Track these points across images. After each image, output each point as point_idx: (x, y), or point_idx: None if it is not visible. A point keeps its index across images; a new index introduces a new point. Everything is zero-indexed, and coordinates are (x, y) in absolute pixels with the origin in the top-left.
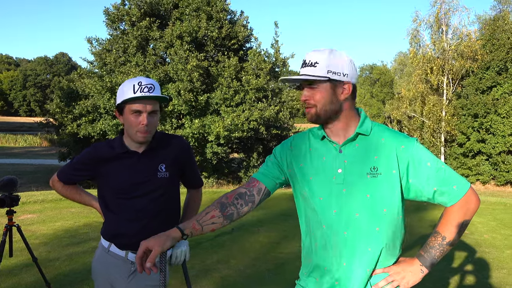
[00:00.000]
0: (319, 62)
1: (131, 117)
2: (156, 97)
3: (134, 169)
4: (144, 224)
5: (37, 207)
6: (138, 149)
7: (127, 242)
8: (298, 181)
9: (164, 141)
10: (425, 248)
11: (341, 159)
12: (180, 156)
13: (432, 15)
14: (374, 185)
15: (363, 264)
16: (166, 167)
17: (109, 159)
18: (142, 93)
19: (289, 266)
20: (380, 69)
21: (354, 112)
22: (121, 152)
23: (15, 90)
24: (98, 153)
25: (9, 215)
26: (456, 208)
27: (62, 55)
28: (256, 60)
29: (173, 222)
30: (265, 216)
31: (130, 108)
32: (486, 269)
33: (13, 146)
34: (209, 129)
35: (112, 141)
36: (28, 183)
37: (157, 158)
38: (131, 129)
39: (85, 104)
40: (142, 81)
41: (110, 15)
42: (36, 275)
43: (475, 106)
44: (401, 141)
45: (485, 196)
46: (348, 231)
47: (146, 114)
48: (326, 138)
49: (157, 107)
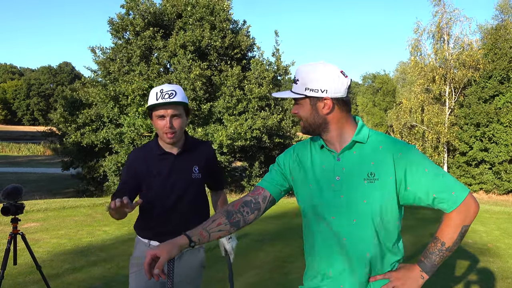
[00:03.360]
0: (299, 79)
1: (157, 121)
2: (175, 102)
3: (171, 169)
4: (181, 222)
5: (40, 215)
6: (172, 150)
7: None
8: (299, 188)
9: (195, 146)
10: (425, 254)
11: (339, 167)
12: (210, 160)
13: (434, 25)
14: (371, 190)
15: (362, 270)
16: (199, 168)
17: (148, 161)
18: (163, 100)
19: (293, 275)
20: (382, 78)
21: (349, 121)
22: (158, 154)
23: (19, 99)
24: (137, 157)
25: (13, 223)
26: (455, 214)
27: (65, 65)
28: (259, 69)
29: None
30: (270, 225)
31: (155, 113)
32: (490, 278)
33: (16, 155)
34: (212, 137)
35: (148, 145)
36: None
37: (191, 160)
38: (159, 131)
39: (88, 113)
40: (163, 88)
41: (114, 25)
42: (40, 283)
43: (478, 115)
44: (398, 148)
45: (489, 205)
46: (347, 237)
47: (169, 118)
48: (325, 147)
49: (179, 110)
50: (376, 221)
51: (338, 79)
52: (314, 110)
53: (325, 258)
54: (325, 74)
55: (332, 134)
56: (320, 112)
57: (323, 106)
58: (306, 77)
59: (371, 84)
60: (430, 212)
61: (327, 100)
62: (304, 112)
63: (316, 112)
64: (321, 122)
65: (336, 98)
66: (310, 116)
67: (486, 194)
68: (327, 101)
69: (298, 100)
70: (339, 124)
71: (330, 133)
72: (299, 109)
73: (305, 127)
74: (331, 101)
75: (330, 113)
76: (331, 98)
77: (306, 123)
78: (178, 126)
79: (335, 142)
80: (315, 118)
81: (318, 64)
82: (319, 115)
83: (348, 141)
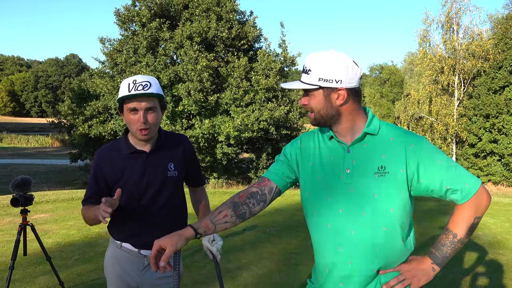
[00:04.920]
0: (312, 69)
1: (129, 115)
2: (150, 94)
3: (143, 169)
4: (156, 223)
5: (49, 206)
6: (145, 147)
7: (140, 242)
8: (306, 179)
9: (170, 140)
10: (436, 246)
11: (349, 159)
12: (187, 155)
13: (443, 15)
14: (381, 184)
15: (369, 263)
16: (175, 166)
17: (116, 162)
18: (136, 91)
19: (300, 266)
20: (390, 69)
21: (360, 113)
22: (128, 153)
23: (27, 91)
24: (104, 158)
25: (23, 214)
26: (468, 205)
27: (72, 57)
28: (266, 60)
29: (182, 220)
30: (278, 217)
31: (127, 106)
32: (499, 271)
33: (25, 147)
34: (219, 129)
35: (116, 143)
36: (40, 183)
37: (165, 157)
38: (131, 127)
39: (96, 104)
40: (137, 79)
41: (120, 16)
42: (50, 274)
43: (487, 106)
44: (410, 140)
45: (498, 197)
46: (354, 230)
47: (143, 111)
48: (334, 138)
49: (154, 103)
50: (386, 215)
51: (352, 69)
52: (327, 101)
53: (332, 251)
54: (339, 64)
55: (344, 126)
56: (333, 103)
57: (337, 97)
58: (319, 67)
59: (378, 75)
60: (436, 203)
61: (341, 90)
62: (316, 104)
63: (330, 103)
64: (334, 114)
65: (350, 88)
66: (323, 108)
67: (495, 186)
68: (341, 92)
69: (310, 91)
70: (351, 116)
71: (342, 125)
72: (310, 100)
73: (316, 119)
74: (345, 91)
75: (344, 104)
76: (346, 89)
77: (318, 115)
78: (152, 121)
79: (346, 134)
80: (328, 110)
81: (330, 53)
82: (332, 106)
83: (360, 132)
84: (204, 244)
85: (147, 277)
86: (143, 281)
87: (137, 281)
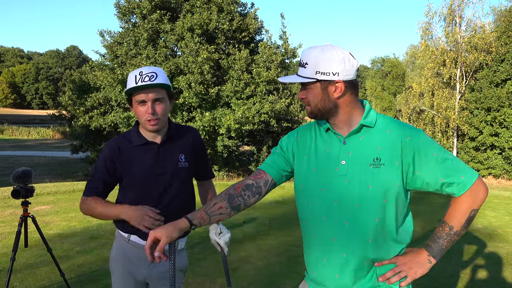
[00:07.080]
0: (308, 63)
1: (138, 107)
2: (157, 84)
3: (155, 160)
4: (166, 214)
5: (50, 198)
6: (156, 139)
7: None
8: (301, 171)
9: (180, 132)
10: (432, 238)
11: (345, 151)
12: (196, 146)
13: (446, 7)
14: (376, 175)
15: (363, 255)
16: (186, 157)
17: (128, 153)
18: (143, 83)
19: (300, 259)
20: (392, 62)
21: (357, 105)
22: (140, 144)
23: (28, 83)
24: (115, 149)
25: (24, 206)
26: (464, 198)
27: (73, 48)
28: (267, 52)
29: (191, 211)
30: (278, 210)
31: (135, 99)
32: (499, 263)
33: (26, 139)
34: (220, 122)
35: (128, 134)
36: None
37: (176, 148)
38: (141, 119)
39: (96, 96)
40: (143, 71)
41: (121, 8)
42: (51, 265)
43: (489, 100)
44: (406, 132)
45: (498, 190)
46: (348, 222)
47: (151, 102)
48: (330, 130)
49: (162, 94)
50: (380, 207)
51: (349, 61)
52: (324, 94)
53: (326, 243)
54: (335, 57)
55: (341, 118)
56: (331, 96)
57: (334, 90)
58: (315, 60)
59: (380, 68)
60: (439, 197)
61: (338, 83)
62: (313, 97)
63: (327, 96)
64: (332, 107)
65: (347, 81)
66: (320, 101)
67: (496, 179)
68: (338, 85)
69: (307, 85)
70: (348, 108)
71: (339, 117)
72: (307, 94)
73: (313, 112)
74: (343, 84)
75: (341, 97)
76: (343, 81)
77: (315, 108)
78: (161, 111)
79: (343, 126)
80: (325, 103)
81: (326, 46)
82: (329, 99)
83: (356, 125)
84: (212, 237)
85: (155, 271)
86: (151, 275)
87: (145, 275)
